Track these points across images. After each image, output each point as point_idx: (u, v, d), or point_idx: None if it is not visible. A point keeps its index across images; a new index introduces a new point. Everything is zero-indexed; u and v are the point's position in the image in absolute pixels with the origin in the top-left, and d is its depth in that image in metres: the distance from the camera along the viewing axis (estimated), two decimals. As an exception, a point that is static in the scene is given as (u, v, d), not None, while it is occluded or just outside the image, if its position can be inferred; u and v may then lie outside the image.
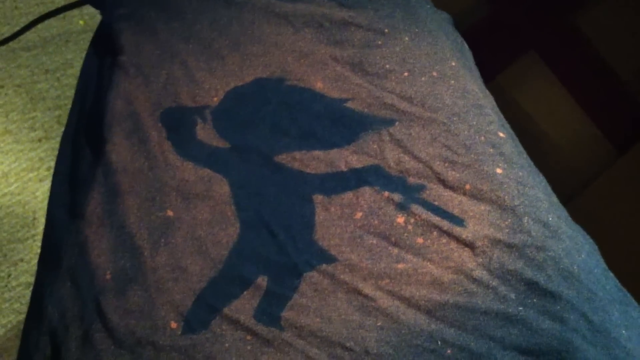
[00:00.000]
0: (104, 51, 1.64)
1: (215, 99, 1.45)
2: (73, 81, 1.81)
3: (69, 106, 1.62)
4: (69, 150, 1.53)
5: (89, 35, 1.70)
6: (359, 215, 1.28)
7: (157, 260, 1.24)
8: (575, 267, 1.20)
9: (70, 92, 1.76)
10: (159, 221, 1.29)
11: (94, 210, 1.32)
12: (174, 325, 1.17)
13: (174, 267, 1.23)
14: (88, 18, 1.94)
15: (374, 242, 1.24)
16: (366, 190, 1.30)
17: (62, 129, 1.60)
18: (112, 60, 1.56)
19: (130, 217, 1.30)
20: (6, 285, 1.53)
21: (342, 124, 1.40)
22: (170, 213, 1.30)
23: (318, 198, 1.31)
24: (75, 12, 1.98)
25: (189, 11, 1.63)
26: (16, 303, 1.52)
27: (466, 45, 1.57)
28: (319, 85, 1.46)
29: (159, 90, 1.48)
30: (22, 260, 1.56)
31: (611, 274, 1.26)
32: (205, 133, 1.41)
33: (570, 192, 1.68)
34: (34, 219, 1.62)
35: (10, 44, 1.94)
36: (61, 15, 1.97)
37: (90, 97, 1.58)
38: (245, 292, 1.20)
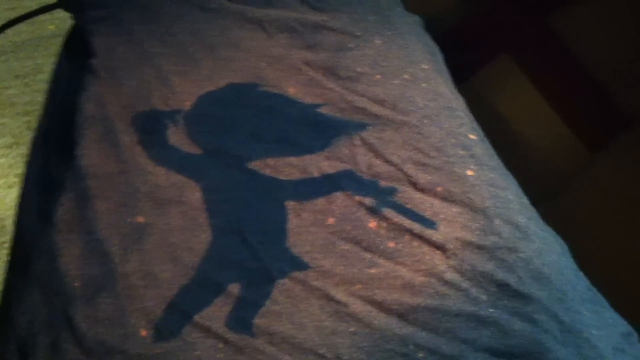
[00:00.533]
0: (75, 55, 1.63)
1: (188, 103, 1.45)
2: (43, 86, 1.79)
3: (40, 112, 1.60)
4: (39, 154, 1.51)
5: (60, 40, 1.68)
6: (331, 221, 1.28)
7: (128, 266, 1.22)
8: (546, 268, 1.21)
9: (41, 98, 1.73)
10: (130, 227, 1.28)
11: (64, 216, 1.30)
12: (144, 333, 1.15)
13: (145, 273, 1.22)
14: (59, 22, 1.93)
15: (347, 247, 1.24)
16: (339, 196, 1.30)
17: (32, 134, 1.58)
18: (83, 64, 1.55)
19: (101, 223, 1.28)
20: (-25, 291, 1.51)
21: (316, 130, 1.40)
22: (141, 219, 1.29)
23: (290, 204, 1.30)
24: (46, 16, 1.97)
25: (165, 15, 1.62)
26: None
27: (437, 48, 1.58)
28: (292, 91, 1.46)
29: (131, 94, 1.47)
30: (-7, 265, 1.54)
31: (582, 274, 1.27)
32: (177, 138, 1.40)
33: (545, 193, 1.68)
34: (3, 226, 1.59)
35: (-20, 49, 1.92)
36: (31, 21, 1.95)
37: (61, 100, 1.56)
38: (217, 299, 1.19)
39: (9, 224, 1.58)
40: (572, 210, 1.73)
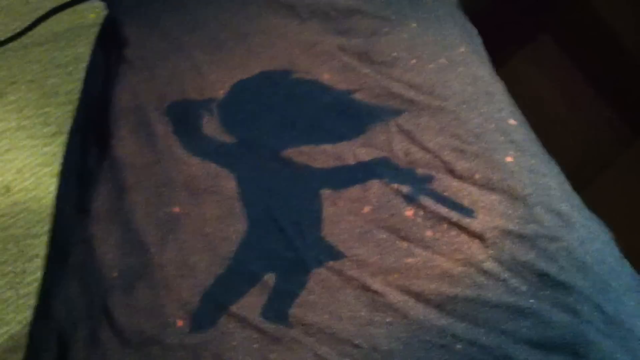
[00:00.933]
0: (110, 45, 1.63)
1: (221, 92, 1.44)
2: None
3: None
4: (76, 145, 1.53)
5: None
6: (367, 209, 1.26)
7: (164, 257, 1.23)
8: (588, 257, 1.17)
9: (83, 87, 1.75)
10: (165, 217, 1.28)
11: (101, 206, 1.31)
12: (181, 323, 1.15)
13: (181, 264, 1.22)
14: (99, 11, 1.93)
15: (383, 236, 1.22)
16: (374, 184, 1.28)
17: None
18: (117, 54, 1.55)
19: (137, 213, 1.29)
20: (21, 281, 1.54)
21: (350, 116, 1.38)
22: (177, 209, 1.29)
23: (326, 193, 1.29)
24: (86, 5, 1.98)
25: (194, 3, 1.61)
26: (32, 299, 1.52)
27: (475, 31, 1.53)
28: (326, 77, 1.44)
29: (165, 84, 1.47)
30: (37, 256, 1.56)
31: (626, 263, 1.22)
32: (211, 127, 1.39)
33: (586, 178, 1.64)
34: (49, 214, 1.61)
35: (22, 39, 1.95)
36: (71, 10, 1.97)
37: (97, 91, 1.57)
38: (252, 289, 1.19)
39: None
40: (613, 195, 1.69)
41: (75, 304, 1.22)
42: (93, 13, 1.97)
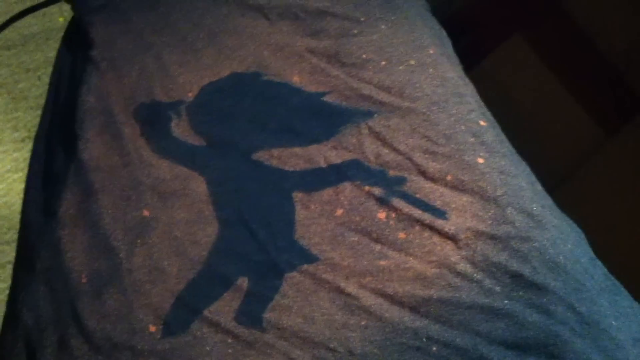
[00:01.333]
0: (76, 46, 1.61)
1: (190, 94, 1.42)
2: (55, 79, 1.78)
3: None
4: (42, 148, 1.50)
5: (69, 32, 1.67)
6: (339, 212, 1.25)
7: (134, 261, 1.21)
8: (561, 258, 1.17)
9: (53, 91, 1.72)
10: (134, 221, 1.26)
11: (68, 210, 1.29)
12: (152, 328, 1.14)
13: (152, 268, 1.20)
14: (67, 15, 1.89)
15: (356, 239, 1.22)
16: (346, 186, 1.28)
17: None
18: (84, 55, 1.53)
19: (105, 216, 1.27)
20: (-6, 289, 1.50)
21: (321, 118, 1.37)
22: (146, 212, 1.27)
23: (298, 196, 1.28)
24: (55, 8, 1.94)
25: (163, 2, 1.59)
26: (4, 307, 1.49)
27: (444, 32, 1.53)
28: (296, 79, 1.43)
29: (132, 85, 1.45)
30: (9, 262, 1.52)
31: (599, 263, 1.23)
32: (180, 129, 1.38)
33: (559, 178, 1.66)
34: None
35: (-11, 43, 1.90)
36: (40, 13, 1.93)
37: (63, 93, 1.55)
38: (225, 293, 1.17)
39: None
40: (587, 194, 1.71)
41: (43, 309, 1.19)
42: (62, 16, 1.93)
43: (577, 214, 1.31)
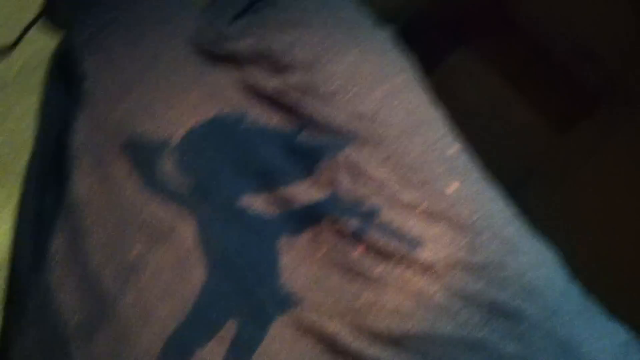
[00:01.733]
0: (62, 82, 1.60)
1: (176, 134, 1.43)
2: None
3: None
4: (31, 188, 1.49)
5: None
6: (319, 254, 1.27)
7: (124, 302, 1.23)
8: (537, 282, 1.18)
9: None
10: (124, 261, 1.28)
11: (58, 250, 1.30)
12: (142, 373, 1.16)
13: (142, 310, 1.22)
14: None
15: (336, 277, 1.23)
16: (324, 228, 1.29)
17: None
18: (71, 91, 1.53)
19: (95, 257, 1.28)
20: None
21: (300, 157, 1.38)
22: (135, 252, 1.29)
23: (281, 241, 1.29)
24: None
25: (150, 37, 1.58)
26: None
27: (410, 61, 1.51)
28: (272, 120, 1.44)
29: (118, 123, 1.44)
30: (-2, 304, 1.54)
31: (574, 285, 1.23)
32: (168, 170, 1.38)
33: (518, 180, 1.66)
34: (6, 260, 1.59)
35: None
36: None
37: (50, 132, 1.54)
38: (214, 337, 1.19)
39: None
40: (546, 193, 1.72)
41: (34, 353, 1.21)
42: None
43: (540, 213, 1.33)
